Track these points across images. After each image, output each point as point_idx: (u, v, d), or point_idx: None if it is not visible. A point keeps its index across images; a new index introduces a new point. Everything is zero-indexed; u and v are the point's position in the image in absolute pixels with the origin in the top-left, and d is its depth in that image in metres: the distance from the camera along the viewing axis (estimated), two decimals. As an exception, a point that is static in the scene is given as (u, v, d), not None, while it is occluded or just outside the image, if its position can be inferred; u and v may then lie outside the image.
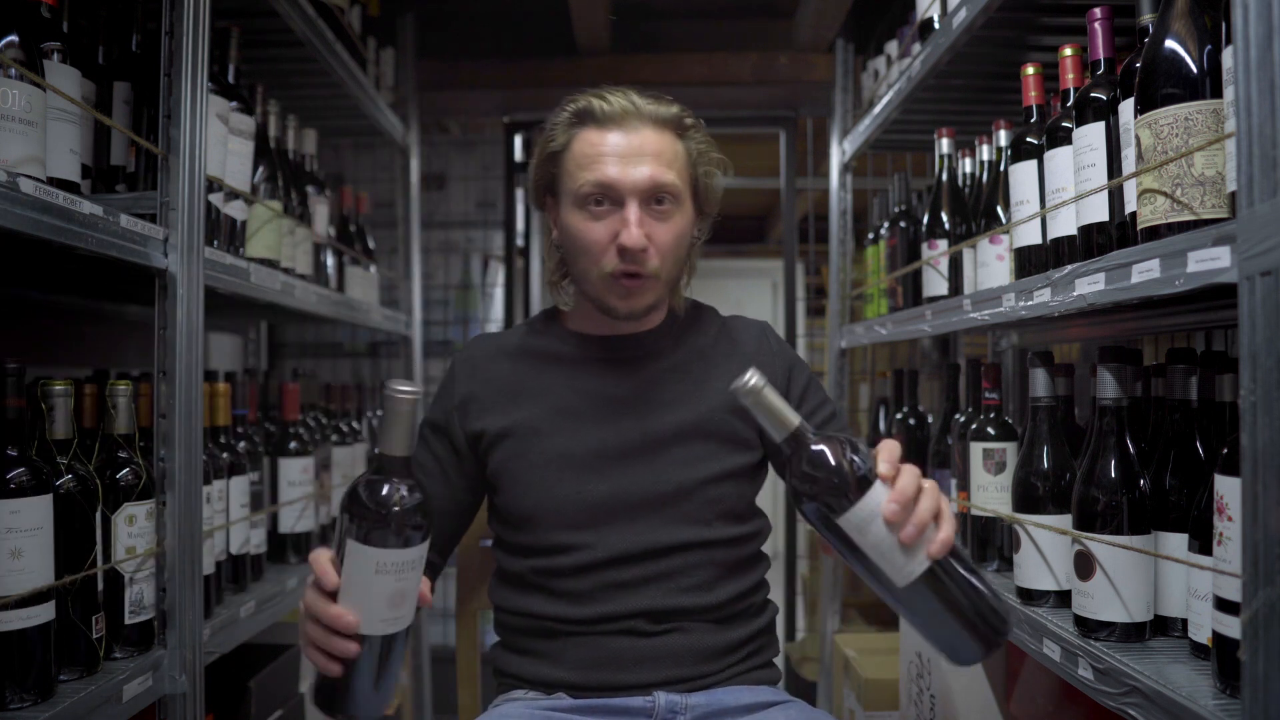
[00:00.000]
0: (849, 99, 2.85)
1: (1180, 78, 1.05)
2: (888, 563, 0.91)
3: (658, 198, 1.20)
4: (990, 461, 1.62)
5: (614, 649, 1.21)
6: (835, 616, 2.85)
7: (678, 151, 1.23)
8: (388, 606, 0.93)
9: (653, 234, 1.20)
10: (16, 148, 1.08)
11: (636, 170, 1.18)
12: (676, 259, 1.24)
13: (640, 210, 1.19)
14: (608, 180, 1.18)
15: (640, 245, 1.18)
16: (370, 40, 2.54)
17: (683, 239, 1.24)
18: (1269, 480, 0.83)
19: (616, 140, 1.20)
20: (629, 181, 1.18)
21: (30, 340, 1.83)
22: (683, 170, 1.23)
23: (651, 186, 1.19)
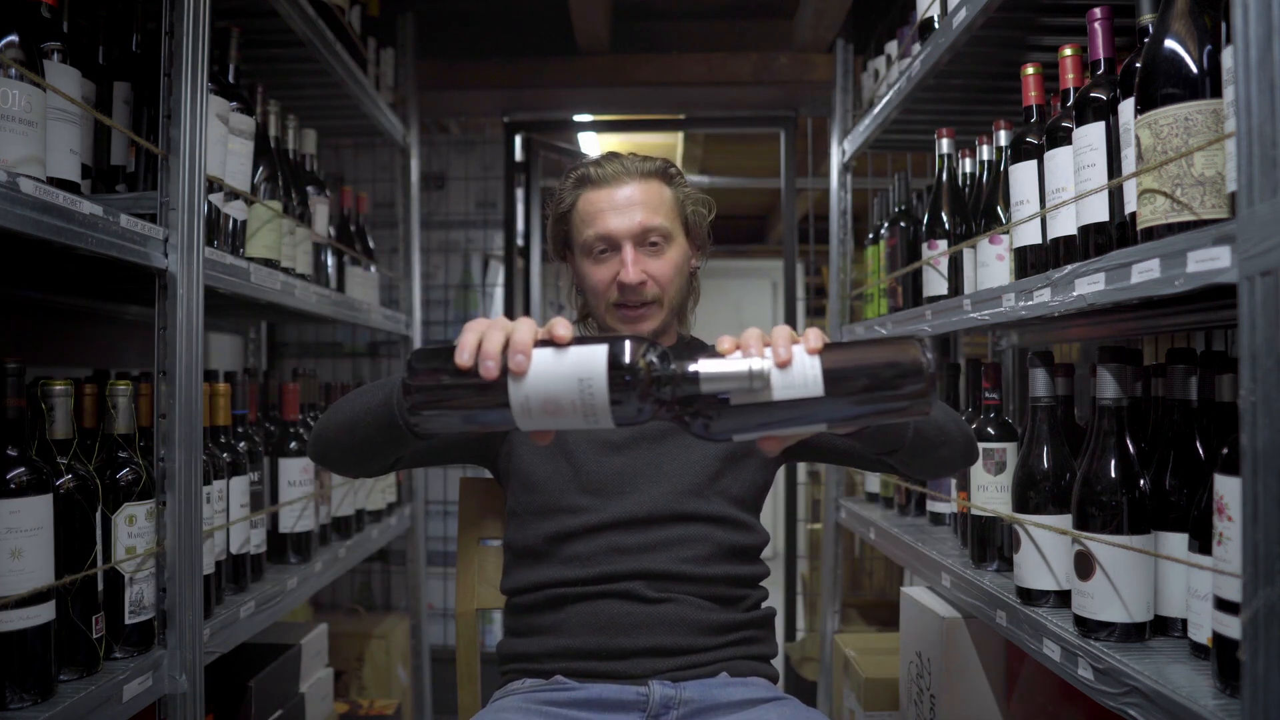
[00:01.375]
0: (849, 99, 2.85)
1: (1180, 78, 1.05)
2: (792, 389, 0.88)
3: (650, 240, 1.39)
4: (990, 461, 1.62)
5: (612, 613, 1.30)
6: (835, 616, 2.85)
7: (664, 197, 1.42)
8: (541, 401, 0.89)
9: (648, 269, 1.39)
10: (16, 148, 1.08)
11: (628, 219, 1.38)
12: (678, 286, 1.43)
13: (635, 251, 1.38)
14: (606, 230, 1.38)
15: (636, 281, 1.37)
16: (370, 40, 2.54)
17: (679, 268, 1.43)
18: (1269, 480, 0.83)
19: (610, 196, 1.40)
20: (623, 229, 1.38)
21: (30, 340, 1.83)
22: (670, 211, 1.42)
23: (642, 230, 1.38)
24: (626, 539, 1.33)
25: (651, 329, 1.41)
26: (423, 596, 2.98)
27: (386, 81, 2.72)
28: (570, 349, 0.89)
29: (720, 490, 1.38)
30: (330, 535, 2.20)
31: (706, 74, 3.21)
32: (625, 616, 1.30)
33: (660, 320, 1.41)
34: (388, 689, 2.71)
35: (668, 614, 1.31)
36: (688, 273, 1.47)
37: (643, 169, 1.43)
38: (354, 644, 2.68)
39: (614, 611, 1.30)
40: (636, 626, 1.30)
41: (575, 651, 1.30)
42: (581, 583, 1.32)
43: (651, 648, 1.29)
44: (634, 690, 1.26)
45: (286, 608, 1.81)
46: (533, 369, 0.89)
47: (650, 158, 1.46)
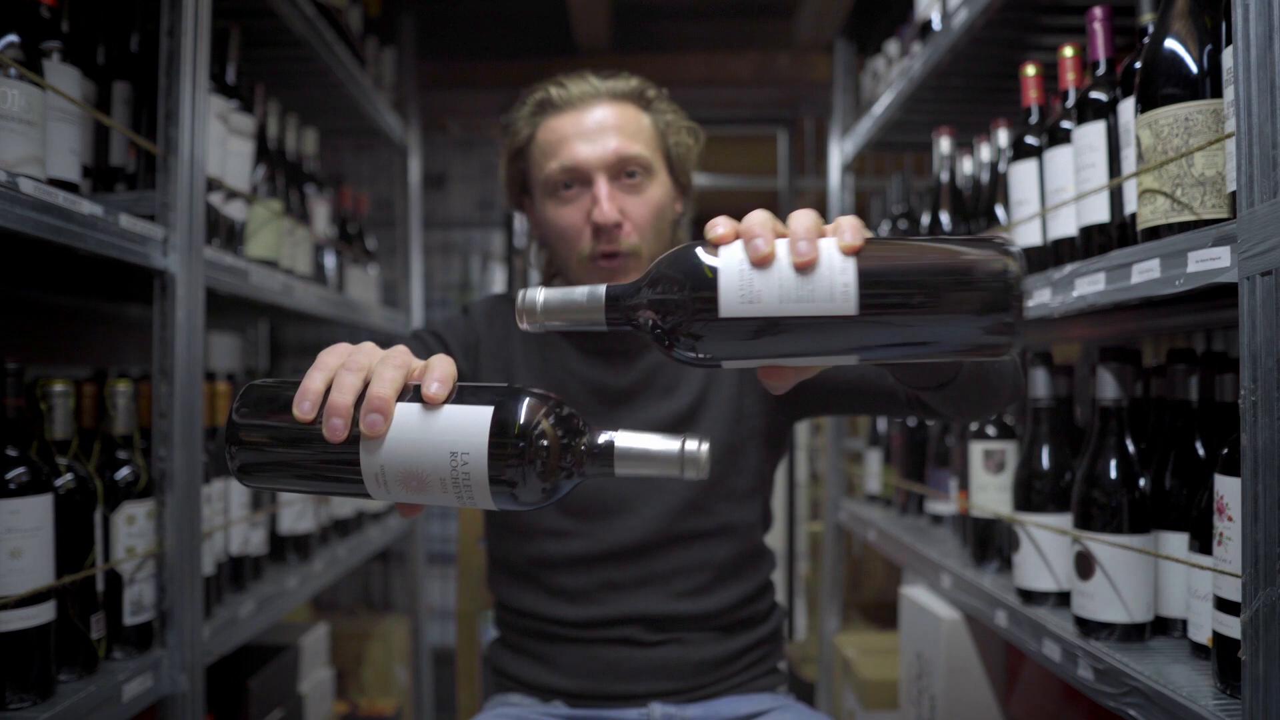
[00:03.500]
0: (849, 99, 2.84)
1: (1180, 78, 1.05)
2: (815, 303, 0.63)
3: (627, 170, 1.16)
4: (990, 461, 1.61)
5: (610, 659, 1.19)
6: (835, 616, 2.85)
7: (643, 124, 1.19)
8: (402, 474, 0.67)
9: (626, 208, 1.15)
10: (16, 148, 1.08)
11: (600, 145, 1.14)
12: (657, 233, 1.19)
13: (610, 185, 1.15)
14: (573, 161, 1.15)
15: (613, 220, 1.14)
16: (370, 40, 2.54)
17: (662, 212, 1.19)
18: (1269, 480, 0.83)
19: (577, 121, 1.16)
20: (594, 158, 1.14)
21: (30, 340, 1.83)
22: (650, 141, 1.19)
23: (618, 160, 1.15)
24: (619, 574, 1.19)
25: None
26: (422, 597, 2.98)
27: (386, 81, 2.72)
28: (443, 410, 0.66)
29: (724, 492, 1.22)
30: (330, 535, 2.20)
31: (706, 74, 3.21)
32: (623, 663, 1.19)
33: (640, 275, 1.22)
34: (387, 689, 2.71)
35: (671, 657, 1.20)
36: (671, 220, 1.23)
37: (615, 89, 1.19)
38: (354, 644, 2.68)
39: (612, 658, 1.19)
40: (636, 673, 1.19)
41: (572, 692, 1.21)
42: (574, 624, 1.20)
43: (651, 691, 1.20)
44: (635, 711, 1.20)
45: (286, 608, 1.80)
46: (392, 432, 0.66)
47: (625, 75, 1.21)
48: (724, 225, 0.67)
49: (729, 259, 0.66)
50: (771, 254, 0.64)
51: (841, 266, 0.64)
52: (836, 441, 2.86)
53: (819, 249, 0.64)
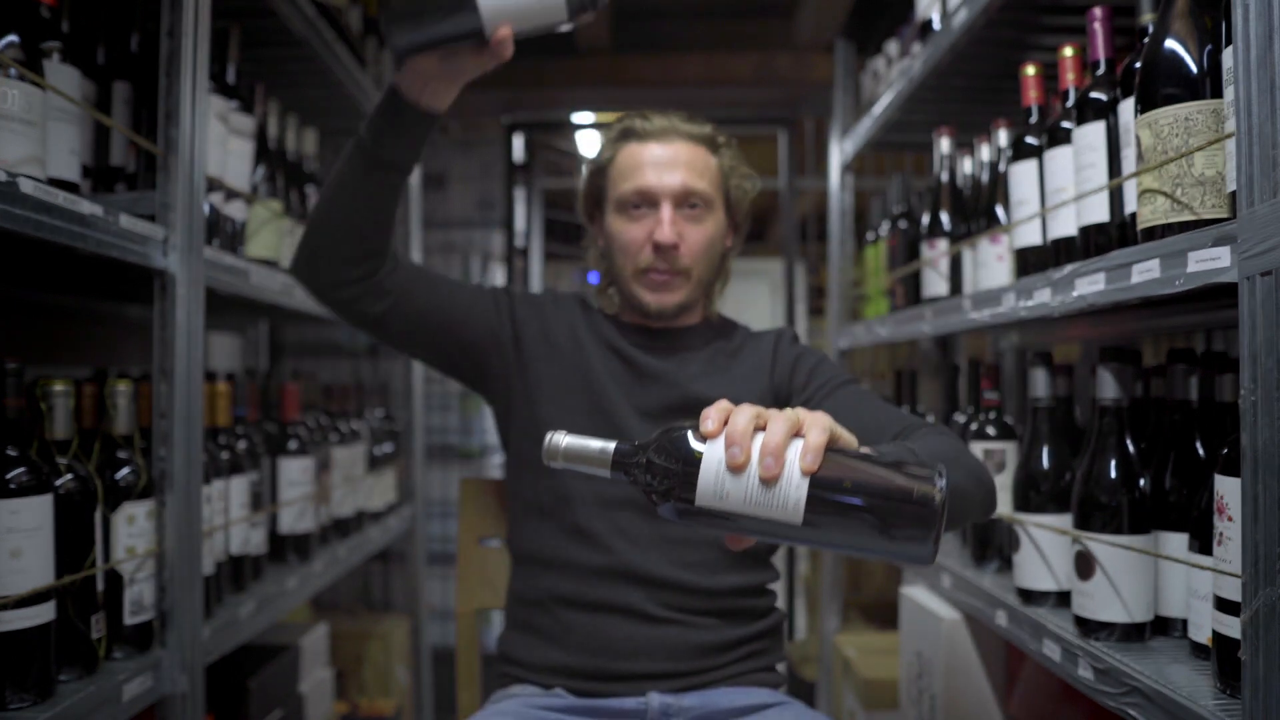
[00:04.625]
0: (849, 99, 2.85)
1: (1180, 78, 1.05)
2: (770, 509, 0.79)
3: (690, 202, 1.32)
4: (990, 461, 1.61)
5: (613, 634, 1.25)
6: (835, 616, 2.85)
7: (710, 164, 1.36)
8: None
9: (684, 233, 1.32)
10: (16, 148, 1.08)
11: (671, 176, 1.31)
12: (709, 261, 1.36)
13: (674, 212, 1.31)
14: (646, 186, 1.32)
15: (672, 241, 1.30)
16: (370, 40, 2.54)
17: (714, 243, 1.36)
18: (1269, 480, 0.83)
19: (655, 152, 1.33)
20: (664, 186, 1.31)
21: (30, 340, 1.83)
22: (714, 180, 1.35)
23: (684, 191, 1.32)
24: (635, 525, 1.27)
25: (676, 302, 1.35)
26: (422, 597, 2.98)
27: (386, 81, 2.72)
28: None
29: None
30: (330, 535, 2.20)
31: (706, 74, 3.21)
32: (627, 640, 1.25)
33: (686, 294, 1.35)
34: (388, 689, 2.71)
35: (671, 637, 1.26)
36: (721, 251, 1.40)
37: (691, 131, 1.36)
38: (354, 644, 2.68)
39: (614, 633, 1.26)
40: (638, 651, 1.25)
41: (575, 670, 1.27)
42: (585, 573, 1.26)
43: (653, 672, 1.25)
44: (633, 700, 1.24)
45: (286, 608, 1.80)
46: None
47: (702, 120, 1.39)
48: (714, 420, 0.81)
49: (711, 455, 0.81)
50: (745, 463, 0.79)
51: (797, 484, 0.79)
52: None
53: (783, 465, 0.79)
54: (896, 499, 0.78)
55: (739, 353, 1.41)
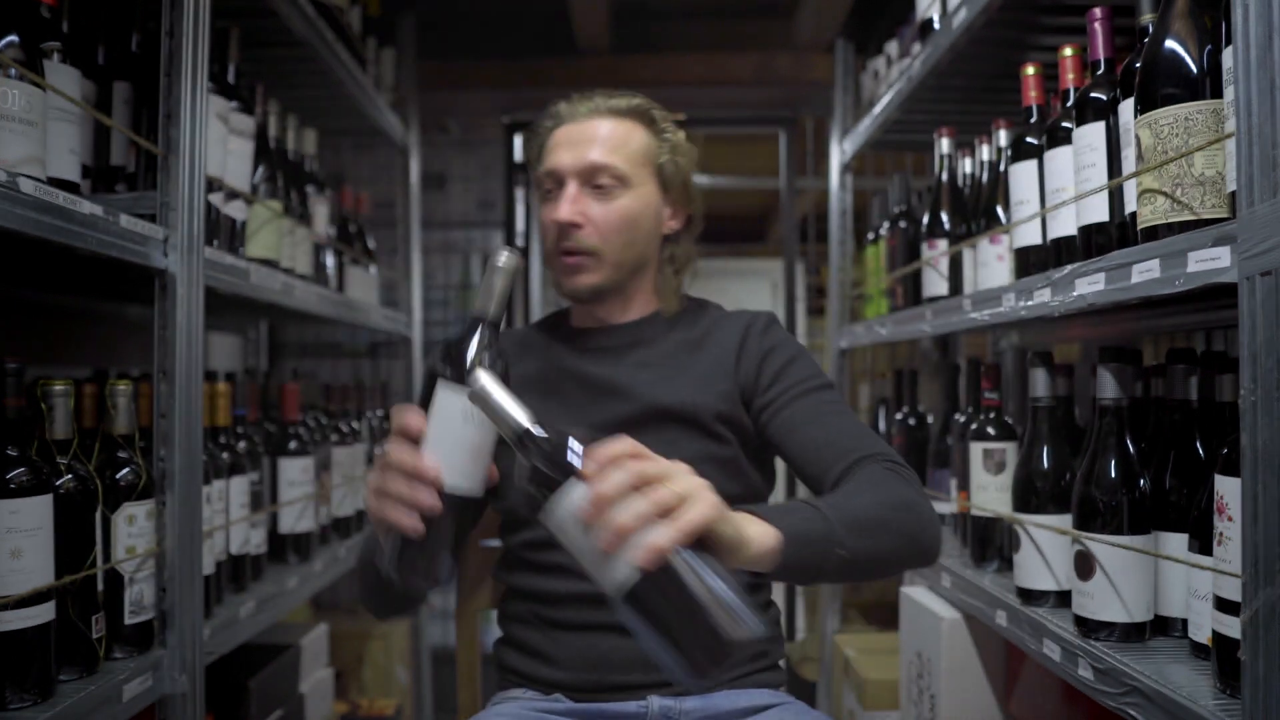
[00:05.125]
0: (849, 99, 2.84)
1: (1180, 78, 1.05)
2: (594, 568, 0.83)
3: (597, 180, 1.25)
4: (990, 461, 1.62)
5: (606, 649, 1.21)
6: (835, 616, 2.85)
7: (634, 139, 1.29)
8: (471, 460, 0.91)
9: (590, 212, 1.25)
10: (16, 148, 1.08)
11: (577, 153, 1.26)
12: (627, 241, 1.27)
13: (577, 190, 1.25)
14: (553, 165, 1.27)
15: (568, 218, 1.24)
16: (370, 40, 2.54)
17: (632, 221, 1.27)
18: (1269, 480, 0.83)
19: (570, 131, 1.28)
20: (568, 164, 1.26)
21: (30, 340, 1.83)
22: (634, 155, 1.28)
23: (589, 167, 1.25)
24: None
25: (591, 284, 1.26)
26: (423, 596, 2.97)
27: (386, 81, 2.72)
28: None
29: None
30: (330, 535, 2.20)
31: (706, 74, 3.21)
32: (618, 652, 1.20)
33: (602, 276, 1.27)
34: (388, 689, 2.71)
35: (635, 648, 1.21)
36: (652, 232, 1.31)
37: (616, 106, 1.29)
38: (354, 644, 2.68)
39: (606, 647, 1.20)
40: (633, 665, 1.20)
41: (571, 684, 1.23)
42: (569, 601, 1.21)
43: (650, 682, 1.20)
44: (634, 704, 1.21)
45: (286, 608, 1.80)
46: None
47: (631, 95, 1.32)
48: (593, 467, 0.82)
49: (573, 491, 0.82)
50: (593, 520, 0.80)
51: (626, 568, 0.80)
52: (836, 441, 2.86)
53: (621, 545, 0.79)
54: (702, 630, 0.80)
55: (703, 344, 1.32)
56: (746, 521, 0.90)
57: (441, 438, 0.90)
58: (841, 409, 1.25)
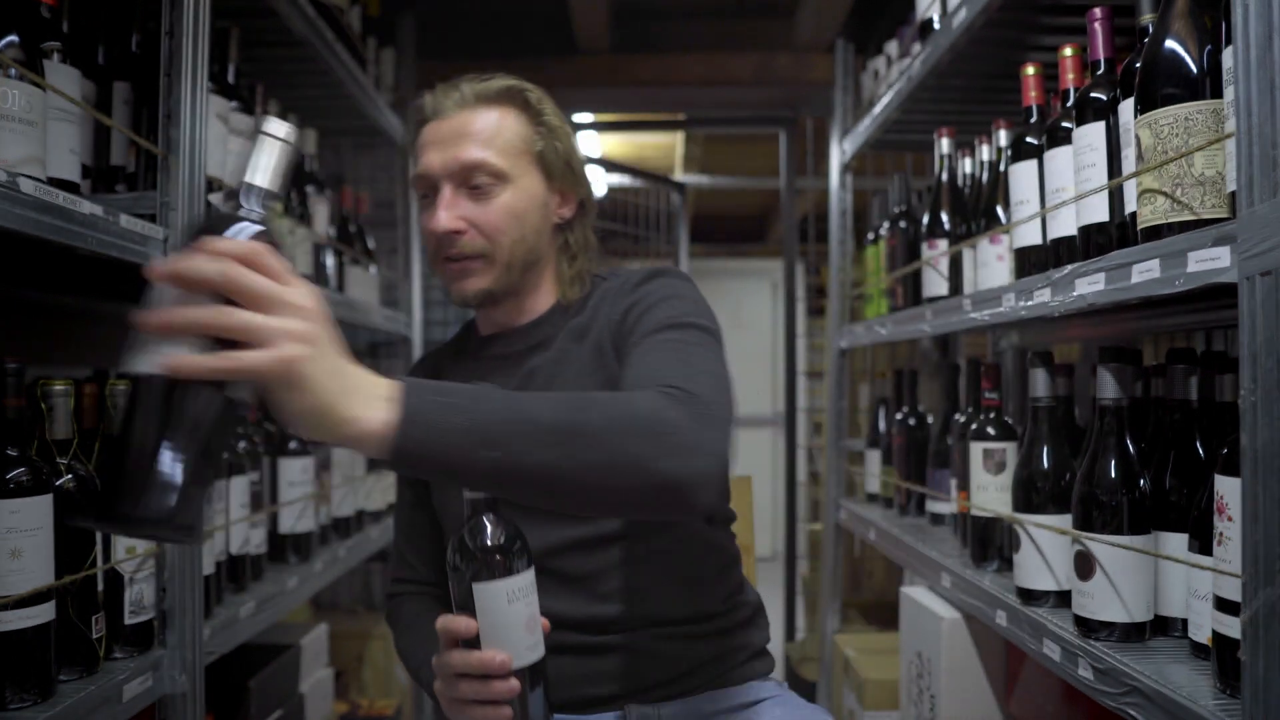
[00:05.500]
0: (849, 99, 2.85)
1: (1180, 78, 1.05)
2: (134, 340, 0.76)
3: (473, 180, 1.15)
4: (990, 461, 1.62)
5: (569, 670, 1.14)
6: (835, 616, 2.85)
7: (506, 127, 1.17)
8: (528, 632, 0.96)
9: (472, 215, 1.15)
10: (16, 148, 1.08)
11: (446, 154, 1.15)
12: (515, 238, 1.17)
13: (454, 193, 1.15)
14: (423, 171, 1.17)
15: (446, 228, 1.14)
16: (370, 40, 2.54)
17: (517, 219, 1.16)
18: (1269, 480, 0.83)
19: (437, 128, 1.17)
20: (438, 167, 1.15)
21: (30, 340, 1.83)
22: (511, 147, 1.16)
23: (461, 168, 1.14)
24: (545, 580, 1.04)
25: (481, 288, 1.17)
26: (423, 596, 2.97)
27: (386, 81, 2.72)
28: None
29: None
30: (330, 535, 2.20)
31: (706, 74, 3.21)
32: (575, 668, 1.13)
33: (492, 279, 1.17)
34: (388, 689, 2.71)
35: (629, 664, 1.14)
36: (541, 225, 1.19)
37: (482, 93, 1.17)
38: (354, 644, 2.68)
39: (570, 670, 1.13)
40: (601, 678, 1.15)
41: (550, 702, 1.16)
42: None
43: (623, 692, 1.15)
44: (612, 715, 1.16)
45: (286, 608, 1.80)
46: None
47: (500, 77, 1.19)
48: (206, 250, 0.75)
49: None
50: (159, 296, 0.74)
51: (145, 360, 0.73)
52: (836, 441, 2.86)
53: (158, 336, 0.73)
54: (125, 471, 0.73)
55: (590, 327, 1.20)
56: (356, 393, 0.78)
57: (495, 628, 0.94)
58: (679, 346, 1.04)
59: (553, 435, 0.83)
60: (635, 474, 0.85)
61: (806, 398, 4.18)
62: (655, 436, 0.86)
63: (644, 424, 0.86)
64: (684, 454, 0.86)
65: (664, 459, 0.85)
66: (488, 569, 0.95)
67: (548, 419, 0.83)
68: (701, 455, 0.87)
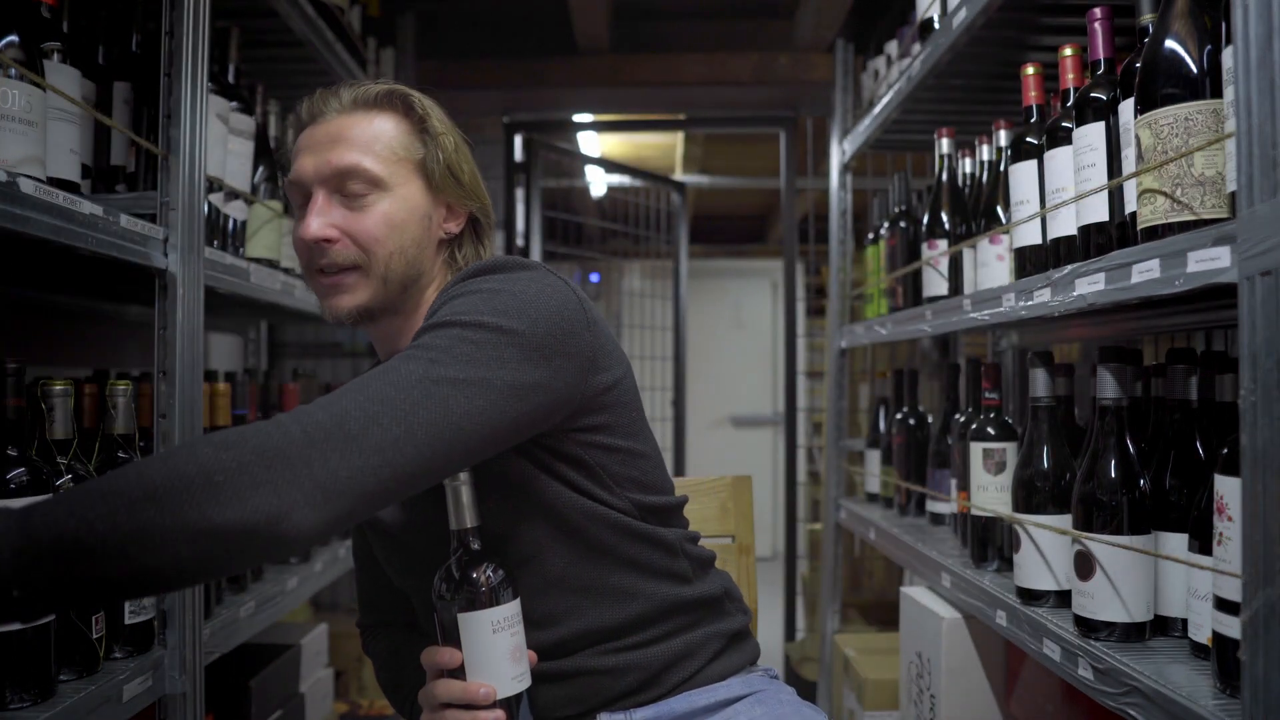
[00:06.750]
0: (849, 99, 2.85)
1: (1180, 78, 1.05)
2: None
3: (348, 187, 1.06)
4: (990, 461, 1.62)
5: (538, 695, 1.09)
6: (835, 616, 2.85)
7: (385, 132, 1.09)
8: (513, 663, 0.98)
9: (346, 224, 1.06)
10: (16, 148, 1.08)
11: (319, 158, 1.07)
12: (393, 252, 1.07)
13: (327, 199, 1.07)
14: (295, 175, 1.09)
15: (317, 235, 1.05)
16: (370, 40, 2.54)
17: (395, 230, 1.07)
18: (1269, 480, 0.83)
19: (313, 133, 1.10)
20: (311, 172, 1.07)
21: (30, 340, 1.83)
22: (389, 152, 1.08)
23: (335, 172, 1.06)
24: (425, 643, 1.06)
25: (355, 305, 1.07)
26: (423, 596, 2.97)
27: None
28: None
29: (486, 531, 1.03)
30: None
31: (706, 74, 3.21)
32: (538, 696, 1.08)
33: (368, 294, 1.07)
34: (388, 689, 2.71)
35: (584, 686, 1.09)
36: (422, 239, 1.10)
37: (364, 96, 1.10)
38: (354, 644, 2.67)
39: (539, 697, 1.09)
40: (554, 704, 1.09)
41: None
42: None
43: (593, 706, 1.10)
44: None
45: (286, 608, 1.80)
46: None
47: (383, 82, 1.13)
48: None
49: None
50: None
51: None
52: (836, 441, 2.86)
53: None
54: None
55: None
56: None
57: (479, 658, 0.97)
58: (403, 358, 0.92)
59: (62, 549, 0.73)
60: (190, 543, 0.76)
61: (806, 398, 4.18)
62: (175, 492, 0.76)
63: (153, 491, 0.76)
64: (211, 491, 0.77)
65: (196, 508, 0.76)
66: (472, 599, 0.97)
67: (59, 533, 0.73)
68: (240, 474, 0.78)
